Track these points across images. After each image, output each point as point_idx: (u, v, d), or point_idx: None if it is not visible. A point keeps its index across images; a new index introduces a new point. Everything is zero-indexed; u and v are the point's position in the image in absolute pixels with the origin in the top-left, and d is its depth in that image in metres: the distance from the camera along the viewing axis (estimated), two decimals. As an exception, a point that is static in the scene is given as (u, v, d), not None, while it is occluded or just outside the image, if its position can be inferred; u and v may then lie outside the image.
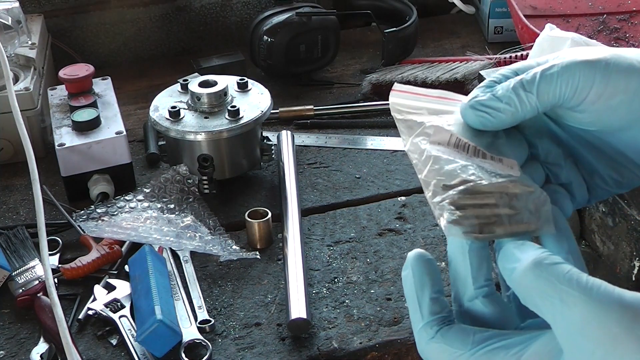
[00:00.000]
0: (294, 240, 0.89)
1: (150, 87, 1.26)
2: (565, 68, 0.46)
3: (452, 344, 0.42)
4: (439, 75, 1.17)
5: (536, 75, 0.46)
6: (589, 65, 0.46)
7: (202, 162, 0.98)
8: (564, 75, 0.45)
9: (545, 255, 0.40)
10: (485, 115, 0.47)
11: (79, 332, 0.81)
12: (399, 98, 0.50)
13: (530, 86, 0.46)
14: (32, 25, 1.22)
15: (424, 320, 0.44)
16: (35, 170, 0.86)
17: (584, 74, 0.45)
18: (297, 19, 1.24)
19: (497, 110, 0.46)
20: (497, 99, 0.46)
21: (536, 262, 0.39)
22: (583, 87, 0.46)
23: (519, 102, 0.46)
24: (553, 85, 0.46)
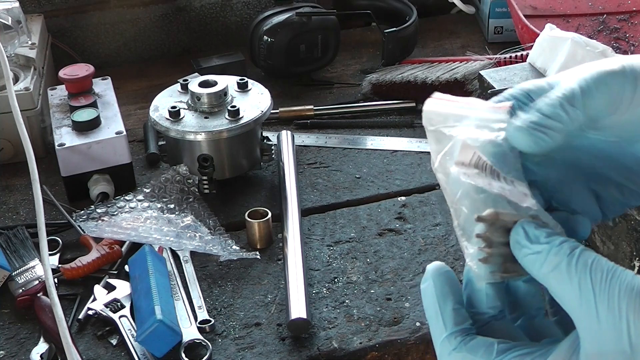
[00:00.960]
0: (294, 240, 0.89)
1: (150, 87, 1.26)
2: (598, 80, 0.44)
3: (475, 353, 0.42)
4: (439, 75, 1.17)
5: (575, 89, 0.44)
6: (618, 75, 0.44)
7: (202, 162, 0.98)
8: (600, 87, 0.44)
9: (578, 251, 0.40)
10: (540, 136, 0.43)
11: (79, 332, 0.81)
12: (432, 106, 0.47)
13: (573, 100, 0.43)
14: (32, 25, 1.22)
15: (447, 331, 0.44)
16: (35, 170, 0.86)
17: (616, 85, 0.44)
18: (297, 19, 1.24)
19: (550, 128, 0.43)
20: (547, 116, 0.43)
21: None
22: (616, 99, 0.44)
23: (568, 118, 0.43)
24: (593, 99, 0.44)
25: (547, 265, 0.40)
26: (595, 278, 0.39)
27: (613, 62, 0.45)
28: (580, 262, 0.39)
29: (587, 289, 0.39)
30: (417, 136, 1.14)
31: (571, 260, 0.40)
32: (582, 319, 0.39)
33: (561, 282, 0.40)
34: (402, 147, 1.11)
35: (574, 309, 0.40)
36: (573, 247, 0.40)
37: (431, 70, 1.19)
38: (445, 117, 0.47)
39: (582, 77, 0.44)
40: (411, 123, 1.17)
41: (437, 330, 0.45)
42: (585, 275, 0.39)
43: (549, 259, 0.40)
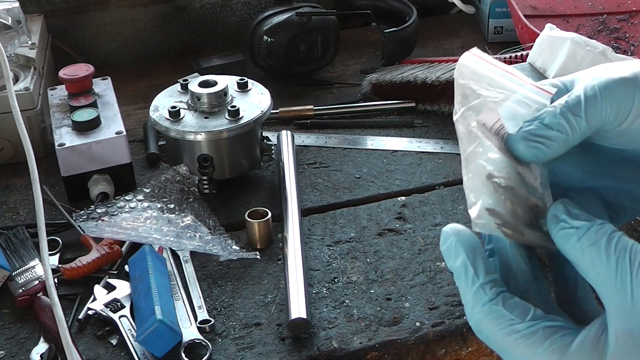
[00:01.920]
0: (294, 240, 0.89)
1: (150, 87, 1.25)
2: (605, 88, 0.44)
3: (512, 311, 0.42)
4: (439, 75, 1.17)
5: (580, 97, 0.44)
6: (627, 83, 0.44)
7: (202, 162, 0.98)
8: (606, 96, 0.43)
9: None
10: (538, 146, 0.43)
11: (79, 332, 0.81)
12: (468, 61, 0.47)
13: (578, 110, 0.43)
14: (32, 25, 1.22)
15: (480, 280, 0.43)
16: (35, 170, 0.86)
17: (624, 93, 0.44)
18: (297, 19, 1.24)
19: (549, 139, 0.43)
20: (547, 126, 0.43)
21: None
22: (625, 107, 0.44)
23: (570, 128, 0.43)
24: (599, 108, 0.43)
25: (584, 240, 0.41)
26: (635, 259, 0.39)
27: (626, 68, 0.45)
28: (621, 243, 0.40)
29: (624, 269, 0.39)
30: (417, 136, 1.14)
31: (611, 241, 0.40)
32: (614, 298, 0.40)
33: (596, 258, 0.40)
34: (402, 147, 1.11)
35: (606, 287, 0.40)
36: (613, 229, 0.41)
37: (431, 70, 1.19)
38: (480, 76, 0.46)
39: (590, 85, 0.44)
40: (411, 123, 1.17)
41: (469, 281, 0.44)
42: (625, 255, 0.40)
43: (589, 234, 0.41)
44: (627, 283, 0.39)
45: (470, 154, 0.45)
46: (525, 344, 0.41)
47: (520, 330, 0.41)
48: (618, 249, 0.40)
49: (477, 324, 0.43)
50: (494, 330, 0.42)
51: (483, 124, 0.44)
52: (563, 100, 0.44)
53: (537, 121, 0.44)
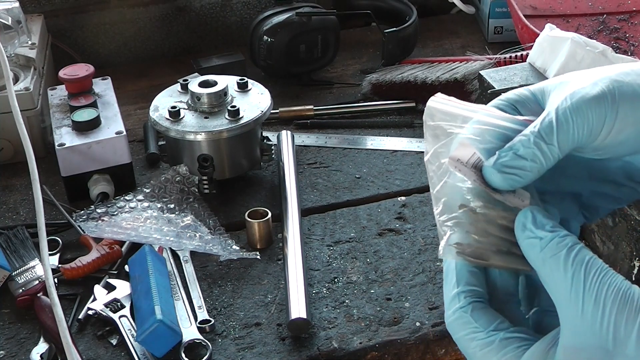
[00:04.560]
0: (294, 240, 0.89)
1: (150, 87, 1.26)
2: (577, 111, 0.44)
3: (477, 320, 0.44)
4: (439, 75, 1.17)
5: (552, 124, 0.44)
6: (597, 102, 0.44)
7: (202, 162, 0.98)
8: (578, 119, 0.44)
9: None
10: (513, 177, 0.45)
11: (79, 332, 0.81)
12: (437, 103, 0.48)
13: (550, 138, 0.44)
14: (32, 25, 1.22)
15: (458, 288, 0.46)
16: (35, 170, 0.86)
17: (596, 114, 0.44)
18: (297, 19, 1.24)
19: (523, 169, 0.45)
20: (521, 157, 0.45)
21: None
22: (596, 127, 0.45)
23: (543, 157, 0.45)
24: (571, 133, 0.44)
25: (546, 251, 0.42)
26: (588, 274, 0.40)
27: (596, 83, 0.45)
28: (579, 257, 0.41)
29: (578, 282, 0.40)
30: (417, 136, 1.14)
31: (570, 253, 0.41)
32: (567, 310, 0.41)
33: (555, 271, 0.41)
34: (402, 147, 1.11)
35: (561, 300, 0.41)
36: (574, 242, 0.42)
37: (431, 70, 1.19)
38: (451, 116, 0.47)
39: (561, 108, 0.45)
40: (411, 123, 1.17)
41: (449, 287, 0.46)
42: (580, 269, 0.40)
43: (550, 246, 0.42)
44: (579, 297, 0.40)
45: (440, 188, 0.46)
46: (483, 352, 0.43)
47: (479, 338, 0.44)
48: (576, 262, 0.41)
49: (449, 326, 0.46)
50: (460, 335, 0.45)
51: (457, 160, 0.46)
52: (535, 129, 0.45)
53: (512, 152, 0.45)
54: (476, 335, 0.44)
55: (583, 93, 0.45)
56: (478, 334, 0.44)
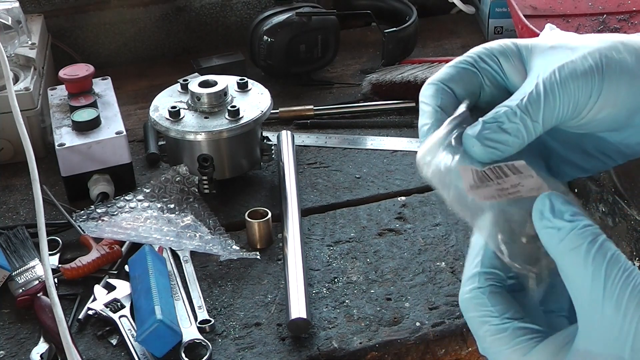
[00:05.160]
0: (294, 240, 0.89)
1: (150, 87, 1.26)
2: (565, 87, 0.44)
3: (493, 304, 0.43)
4: (439, 75, 1.17)
5: (540, 99, 0.44)
6: (585, 79, 0.44)
7: (202, 162, 0.98)
8: (564, 96, 0.44)
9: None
10: (494, 151, 0.44)
11: (79, 332, 0.81)
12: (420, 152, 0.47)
13: (536, 115, 0.44)
14: (32, 25, 1.22)
15: (481, 268, 0.44)
16: (35, 170, 0.86)
17: (582, 91, 0.44)
18: (297, 19, 1.24)
19: (505, 143, 0.44)
20: (504, 131, 0.44)
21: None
22: (581, 105, 0.44)
23: (526, 133, 0.44)
24: (557, 110, 0.44)
25: (565, 244, 0.39)
26: (610, 273, 0.37)
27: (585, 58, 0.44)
28: (600, 252, 0.38)
29: (598, 281, 0.37)
30: (417, 136, 1.12)
31: (591, 248, 0.38)
32: (585, 311, 0.38)
33: (575, 265, 0.39)
34: (402, 147, 1.11)
35: (580, 299, 0.39)
36: (596, 234, 0.39)
37: (431, 70, 1.19)
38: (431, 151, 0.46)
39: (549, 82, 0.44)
40: (411, 123, 1.17)
41: (472, 264, 0.45)
42: (601, 266, 0.38)
43: (569, 238, 0.39)
44: (599, 298, 0.37)
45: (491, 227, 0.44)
46: (493, 338, 0.42)
47: (492, 323, 0.42)
48: (596, 258, 0.38)
49: (462, 303, 0.44)
50: (472, 315, 0.43)
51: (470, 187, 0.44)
52: (523, 102, 0.44)
53: (496, 124, 0.44)
54: (489, 320, 0.42)
55: (572, 68, 0.44)
56: (492, 318, 0.42)
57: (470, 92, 0.48)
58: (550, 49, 0.47)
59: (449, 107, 0.47)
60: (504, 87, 0.49)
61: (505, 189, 0.44)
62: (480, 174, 0.44)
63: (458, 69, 0.48)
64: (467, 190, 0.44)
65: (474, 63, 0.48)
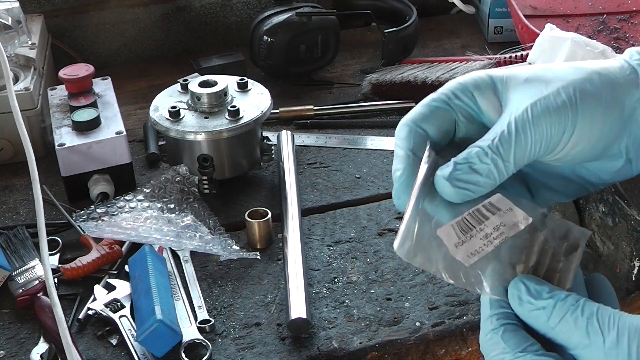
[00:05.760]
0: (294, 240, 0.89)
1: (150, 87, 1.26)
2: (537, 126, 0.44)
3: (506, 341, 0.44)
4: (439, 75, 1.17)
5: (511, 140, 0.44)
6: (558, 116, 0.44)
7: (202, 162, 0.98)
8: (536, 135, 0.44)
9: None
10: (465, 192, 0.45)
11: (79, 332, 0.81)
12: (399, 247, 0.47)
13: (507, 155, 0.44)
14: (32, 25, 1.22)
15: (491, 310, 0.46)
16: (35, 170, 0.86)
17: (555, 129, 0.44)
18: (297, 19, 1.24)
19: (476, 184, 0.44)
20: (476, 172, 0.44)
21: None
22: (554, 142, 0.45)
23: (497, 174, 0.44)
24: (528, 149, 0.44)
25: (554, 318, 0.42)
26: (603, 321, 0.41)
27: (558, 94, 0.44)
28: (586, 310, 0.41)
29: (595, 332, 0.41)
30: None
31: (576, 310, 0.41)
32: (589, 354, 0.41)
33: (569, 330, 0.42)
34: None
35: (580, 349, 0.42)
36: (576, 298, 0.42)
37: (431, 70, 1.19)
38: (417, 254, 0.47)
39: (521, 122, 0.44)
40: (411, 123, 1.17)
41: (485, 312, 0.47)
42: (592, 319, 0.41)
43: (556, 312, 0.42)
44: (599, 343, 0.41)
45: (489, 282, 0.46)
46: None
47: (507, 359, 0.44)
48: (585, 315, 0.41)
49: (482, 346, 0.46)
50: (490, 356, 0.45)
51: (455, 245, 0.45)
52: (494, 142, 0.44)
53: (467, 165, 0.44)
54: (504, 357, 0.44)
55: (545, 105, 0.44)
56: (506, 354, 0.44)
57: (444, 131, 0.48)
58: (525, 82, 0.46)
59: (421, 148, 0.47)
60: (480, 121, 0.49)
61: (489, 234, 0.44)
62: (462, 222, 0.45)
63: (431, 107, 0.48)
64: (453, 252, 0.45)
65: (447, 100, 0.48)
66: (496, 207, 0.45)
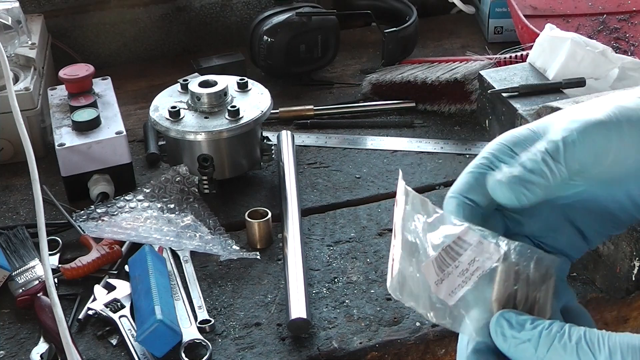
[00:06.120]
0: (294, 240, 0.89)
1: (150, 87, 1.26)
2: (583, 132, 0.44)
3: None
4: (439, 75, 1.17)
5: (558, 143, 0.44)
6: (604, 125, 0.44)
7: (202, 162, 0.98)
8: (584, 141, 0.44)
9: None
10: (523, 191, 0.44)
11: (79, 332, 0.81)
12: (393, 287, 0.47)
13: (557, 155, 0.44)
14: (32, 25, 1.22)
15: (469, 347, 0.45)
16: (35, 170, 0.86)
17: (602, 136, 0.44)
18: (297, 19, 1.24)
19: (532, 183, 0.44)
20: (530, 171, 0.44)
21: None
22: (602, 151, 0.44)
23: (550, 174, 0.44)
24: (577, 153, 0.44)
25: (541, 348, 0.41)
26: (592, 343, 0.40)
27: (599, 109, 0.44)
28: (574, 335, 0.41)
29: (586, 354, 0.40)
30: (417, 136, 1.14)
31: (563, 336, 0.41)
32: None
33: (559, 358, 0.41)
34: (402, 147, 1.11)
35: None
36: (561, 325, 0.42)
37: (431, 70, 1.19)
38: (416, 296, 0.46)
39: (567, 128, 0.44)
40: (411, 123, 1.17)
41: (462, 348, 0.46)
42: (581, 343, 0.40)
43: (542, 342, 0.41)
44: None
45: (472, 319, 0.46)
46: None
47: None
48: (573, 340, 0.41)
49: None
50: None
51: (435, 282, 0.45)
52: (542, 147, 0.44)
53: (520, 167, 0.44)
54: None
55: (589, 117, 0.44)
56: None
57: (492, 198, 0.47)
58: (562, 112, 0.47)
59: (473, 221, 0.47)
60: None
61: (466, 269, 0.44)
62: (439, 259, 0.44)
63: (475, 174, 0.47)
64: (434, 290, 0.45)
65: (490, 165, 0.47)
66: (466, 241, 0.45)
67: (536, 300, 0.45)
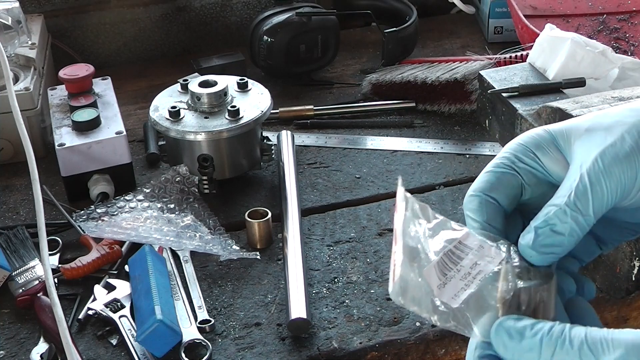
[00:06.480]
0: (294, 240, 0.89)
1: (150, 87, 1.26)
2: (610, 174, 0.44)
3: None
4: (439, 75, 1.17)
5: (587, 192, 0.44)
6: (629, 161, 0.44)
7: (202, 162, 0.98)
8: (611, 183, 0.44)
9: None
10: (551, 255, 0.45)
11: (79, 332, 0.81)
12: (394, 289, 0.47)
13: (586, 209, 0.44)
14: (32, 25, 1.22)
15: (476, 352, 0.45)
16: (35, 170, 0.86)
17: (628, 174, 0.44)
18: (297, 19, 1.24)
19: (560, 245, 0.44)
20: (558, 233, 0.44)
21: None
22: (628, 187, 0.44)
23: (579, 229, 0.44)
24: (605, 199, 0.44)
25: (545, 354, 0.41)
26: (595, 345, 0.40)
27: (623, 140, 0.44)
28: (575, 337, 0.41)
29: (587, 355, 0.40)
30: (417, 136, 1.14)
31: (565, 340, 0.41)
32: None
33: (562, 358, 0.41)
34: (402, 147, 1.11)
35: None
36: (561, 328, 0.41)
37: (431, 70, 1.19)
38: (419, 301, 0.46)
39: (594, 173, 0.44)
40: (411, 123, 1.17)
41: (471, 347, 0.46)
42: (583, 345, 0.40)
43: (544, 349, 0.41)
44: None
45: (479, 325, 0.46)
46: None
47: None
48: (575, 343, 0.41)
49: None
50: None
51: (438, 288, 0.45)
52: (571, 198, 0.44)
53: (548, 228, 0.44)
54: None
55: (614, 153, 0.44)
56: None
57: (513, 196, 0.48)
58: (586, 132, 0.46)
59: (495, 219, 0.47)
60: (547, 181, 0.48)
61: (468, 273, 0.44)
62: (441, 264, 0.45)
63: (497, 174, 0.47)
64: (437, 294, 0.45)
65: (512, 165, 0.47)
66: (467, 245, 0.45)
67: (541, 299, 0.45)
